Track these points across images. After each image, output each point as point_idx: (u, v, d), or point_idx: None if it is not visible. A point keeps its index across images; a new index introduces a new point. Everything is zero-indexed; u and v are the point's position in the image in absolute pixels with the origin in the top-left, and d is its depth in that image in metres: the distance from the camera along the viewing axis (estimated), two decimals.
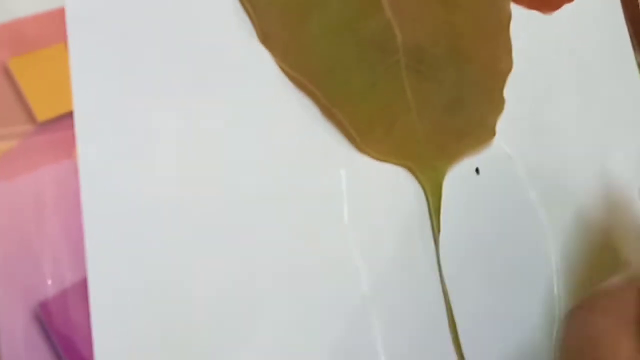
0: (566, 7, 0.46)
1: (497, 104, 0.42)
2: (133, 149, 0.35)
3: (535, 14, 0.45)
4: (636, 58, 0.47)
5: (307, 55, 0.39)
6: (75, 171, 0.34)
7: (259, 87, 0.38)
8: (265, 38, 0.39)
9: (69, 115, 0.35)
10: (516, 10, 0.44)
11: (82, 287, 0.33)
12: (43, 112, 0.34)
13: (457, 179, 0.40)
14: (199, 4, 0.38)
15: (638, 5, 0.48)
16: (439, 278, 0.38)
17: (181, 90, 0.37)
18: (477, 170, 0.41)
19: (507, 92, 0.43)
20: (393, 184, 0.39)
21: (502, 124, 0.42)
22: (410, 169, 0.40)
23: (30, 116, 0.34)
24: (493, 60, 0.43)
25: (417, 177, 0.40)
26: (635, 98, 0.47)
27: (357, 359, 0.36)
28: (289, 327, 0.35)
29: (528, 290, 0.40)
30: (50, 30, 0.35)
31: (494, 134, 0.42)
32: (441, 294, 0.38)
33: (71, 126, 0.35)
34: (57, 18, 0.36)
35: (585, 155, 0.44)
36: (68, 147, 0.34)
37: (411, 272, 0.38)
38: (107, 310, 0.33)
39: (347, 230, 0.37)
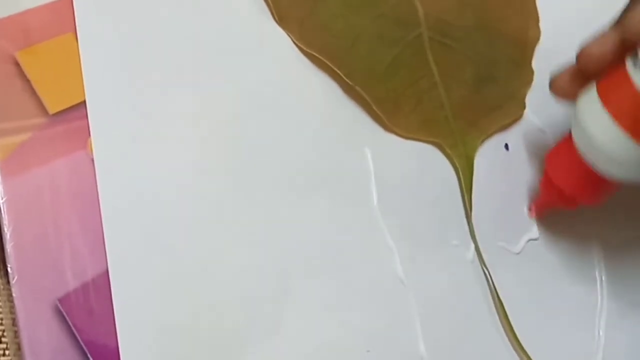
0: None
1: (526, 76, 0.40)
2: (149, 137, 0.34)
3: None
4: None
5: (325, 34, 0.38)
6: (90, 162, 0.33)
7: (277, 68, 0.37)
8: (282, 18, 0.38)
9: (81, 105, 0.34)
10: None
11: (102, 279, 0.32)
12: (54, 104, 0.34)
13: (488, 154, 0.39)
14: None
15: None
16: (474, 258, 0.36)
17: (196, 75, 0.36)
18: (506, 146, 0.39)
19: (535, 64, 0.41)
20: (422, 162, 0.38)
21: (533, 96, 0.40)
22: (439, 146, 0.38)
23: (41, 108, 0.33)
24: (521, 31, 0.41)
25: (446, 154, 0.38)
26: None
27: (395, 342, 0.34)
28: (322, 312, 0.34)
29: (567, 266, 0.38)
30: (57, 21, 0.35)
31: (524, 106, 0.40)
32: (479, 274, 0.36)
33: (84, 117, 0.34)
34: (64, 8, 0.35)
35: None
36: (82, 138, 0.33)
37: (446, 253, 0.36)
38: (129, 301, 0.32)
39: (377, 212, 0.36)
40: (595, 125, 0.31)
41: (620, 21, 0.31)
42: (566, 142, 0.34)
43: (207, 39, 0.36)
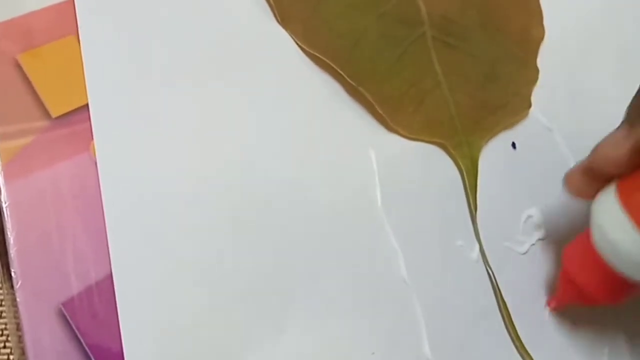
0: None
1: (531, 74, 0.40)
2: (152, 139, 0.34)
3: None
4: None
5: (328, 34, 0.37)
6: (93, 164, 0.33)
7: (280, 69, 0.37)
8: (284, 19, 0.38)
9: (84, 108, 0.34)
10: None
11: (106, 283, 0.32)
12: (57, 107, 0.34)
13: (493, 154, 0.38)
14: None
15: None
16: (479, 258, 0.36)
17: (199, 77, 0.36)
18: (513, 145, 0.39)
19: (540, 62, 0.40)
20: (426, 163, 0.37)
21: (538, 94, 0.40)
22: (443, 146, 0.38)
23: (44, 111, 0.33)
24: (525, 29, 0.41)
25: (450, 155, 0.38)
26: None
27: (400, 344, 0.34)
28: (326, 314, 0.34)
29: None
30: (59, 24, 0.35)
31: (529, 105, 0.39)
32: (484, 275, 0.36)
33: (86, 120, 0.34)
34: (66, 11, 0.35)
35: None
36: (85, 141, 0.33)
37: (450, 254, 0.36)
38: (133, 304, 0.32)
39: (382, 213, 0.36)
40: (617, 230, 0.30)
41: (632, 122, 0.30)
42: (584, 240, 0.32)
43: (209, 40, 0.36)
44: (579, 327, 0.36)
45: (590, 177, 0.32)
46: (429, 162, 0.37)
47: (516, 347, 0.35)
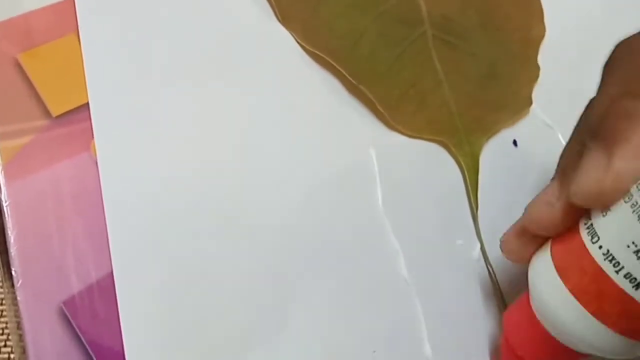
0: None
1: (531, 73, 0.40)
2: (152, 138, 0.34)
3: None
4: None
5: (329, 33, 0.37)
6: (93, 164, 0.33)
7: (280, 68, 0.37)
8: (285, 18, 0.38)
9: (84, 107, 0.34)
10: None
11: (107, 281, 0.32)
12: (57, 106, 0.34)
13: (494, 152, 0.38)
14: None
15: None
16: (480, 258, 0.36)
17: (199, 76, 0.36)
18: (514, 143, 0.39)
19: (541, 60, 0.40)
20: (426, 161, 0.37)
21: (539, 92, 0.40)
22: (444, 145, 0.38)
23: (44, 110, 0.33)
24: (525, 27, 0.41)
25: (452, 153, 0.38)
26: None
27: (401, 343, 0.34)
28: (326, 313, 0.34)
29: None
30: (60, 23, 0.35)
31: (530, 103, 0.39)
32: (485, 275, 0.36)
33: (86, 119, 0.34)
34: (66, 10, 0.35)
35: None
36: (85, 140, 0.33)
37: (451, 253, 0.36)
38: (134, 303, 0.32)
39: (382, 213, 0.36)
40: (554, 297, 0.28)
41: (562, 179, 0.29)
42: (524, 305, 0.30)
43: (210, 39, 0.36)
44: None
45: (526, 239, 0.30)
46: (430, 161, 0.37)
47: None
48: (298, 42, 0.37)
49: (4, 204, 0.32)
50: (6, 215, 0.32)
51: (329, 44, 0.37)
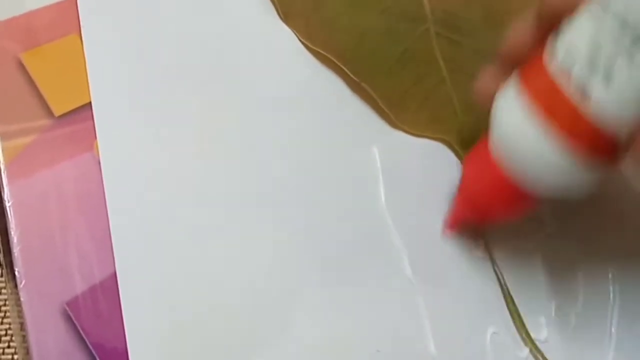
0: None
1: None
2: (155, 138, 0.34)
3: None
4: None
5: (331, 31, 0.37)
6: (96, 163, 0.33)
7: (283, 66, 0.37)
8: (287, 15, 0.38)
9: (87, 107, 0.34)
10: None
11: (110, 282, 0.32)
12: (60, 106, 0.33)
13: None
14: None
15: None
16: (484, 255, 0.36)
17: (202, 74, 0.36)
18: None
19: None
20: (430, 159, 0.37)
21: None
22: (447, 143, 0.38)
23: (47, 110, 0.33)
24: None
25: (455, 151, 0.37)
26: None
27: (405, 342, 0.34)
28: (330, 312, 0.34)
29: (580, 264, 0.37)
30: (61, 22, 0.35)
31: None
32: (490, 272, 0.36)
33: (89, 118, 0.33)
34: (68, 9, 0.35)
35: None
36: (88, 140, 0.33)
37: (455, 251, 0.36)
38: (137, 303, 0.32)
39: (385, 211, 0.36)
40: (514, 123, 0.28)
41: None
42: (482, 149, 0.30)
43: (212, 38, 0.36)
44: (587, 324, 0.36)
45: (497, 74, 0.30)
46: (433, 159, 0.37)
47: (526, 343, 0.35)
48: (300, 40, 0.37)
49: (7, 204, 0.32)
50: (9, 215, 0.32)
51: (331, 42, 0.37)
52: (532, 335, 0.35)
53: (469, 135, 0.38)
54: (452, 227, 0.35)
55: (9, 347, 0.34)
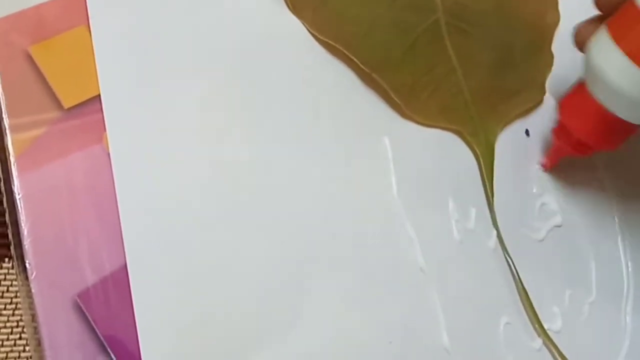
0: None
1: (546, 61, 0.40)
2: (164, 129, 0.34)
3: None
4: None
5: (340, 21, 0.37)
6: (106, 155, 0.33)
7: (292, 57, 0.37)
8: (296, 6, 0.37)
9: (96, 99, 0.34)
10: None
11: (121, 274, 0.31)
12: (69, 98, 0.33)
13: (506, 142, 0.38)
14: None
15: None
16: (496, 245, 0.36)
17: (211, 65, 0.35)
18: (527, 132, 0.38)
19: (555, 48, 0.40)
20: (441, 150, 0.37)
21: (553, 81, 0.39)
22: (458, 133, 0.37)
23: (56, 103, 0.33)
24: (539, 15, 0.40)
25: (466, 141, 0.37)
26: None
27: (418, 333, 0.34)
28: (342, 304, 0.33)
29: (592, 252, 0.37)
30: (70, 14, 0.34)
31: (544, 92, 0.39)
32: (502, 262, 0.36)
33: (98, 110, 0.33)
34: (76, 1, 0.35)
35: None
36: (97, 132, 0.33)
37: (468, 242, 0.36)
38: (148, 295, 0.32)
39: (397, 201, 0.35)
40: (607, 64, 0.30)
41: None
42: (580, 88, 0.33)
43: (221, 29, 0.36)
44: (600, 312, 0.36)
45: (597, 25, 0.32)
46: (445, 149, 0.37)
47: (538, 333, 0.35)
48: (309, 31, 0.37)
49: (17, 197, 0.32)
50: (19, 208, 0.32)
51: (341, 33, 0.37)
52: (546, 325, 0.35)
53: (479, 124, 0.37)
54: (551, 162, 0.37)
55: (20, 339, 0.34)
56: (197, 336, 0.32)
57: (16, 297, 0.35)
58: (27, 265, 0.31)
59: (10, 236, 0.32)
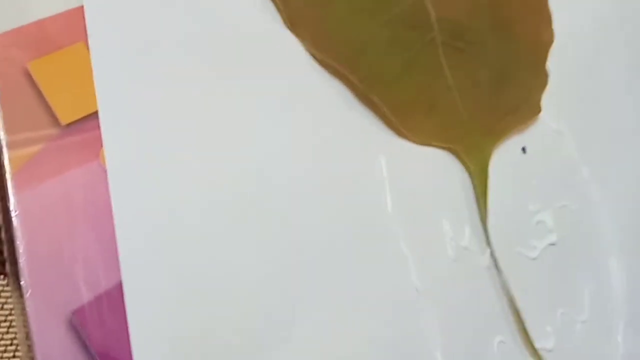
0: None
1: (541, 79, 0.40)
2: (161, 146, 0.34)
3: None
4: None
5: (337, 39, 0.37)
6: (103, 173, 0.33)
7: (289, 75, 0.37)
8: (293, 24, 0.37)
9: (93, 116, 0.34)
10: None
11: (116, 292, 0.31)
12: (67, 115, 0.33)
13: (503, 159, 0.38)
14: None
15: None
16: (490, 264, 0.36)
17: (208, 83, 0.36)
18: (523, 150, 0.39)
19: (550, 66, 0.40)
20: (436, 168, 0.37)
21: (548, 99, 0.40)
22: (454, 152, 0.38)
23: (54, 119, 0.33)
24: (534, 33, 0.40)
25: (461, 160, 0.37)
26: None
27: (412, 352, 0.34)
28: (335, 322, 0.34)
29: (585, 270, 0.37)
30: (68, 30, 0.34)
31: (539, 110, 0.39)
32: (495, 280, 0.36)
33: (96, 127, 0.33)
34: (75, 17, 0.35)
35: (638, 126, 0.41)
36: (94, 149, 0.33)
37: (462, 260, 0.36)
38: (144, 314, 0.32)
39: (392, 221, 0.36)
40: None
41: None
42: None
43: (219, 47, 0.36)
44: (593, 332, 0.36)
45: None
46: (440, 167, 0.37)
47: (530, 353, 0.35)
48: (307, 50, 0.37)
49: (13, 214, 0.32)
50: (15, 225, 0.32)
51: (338, 50, 0.37)
52: (539, 343, 0.35)
53: (474, 142, 0.38)
54: None
55: (14, 357, 0.34)
56: (191, 354, 0.32)
57: (10, 314, 0.35)
58: (22, 283, 0.31)
59: (5, 253, 0.32)
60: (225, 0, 0.37)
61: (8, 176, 0.32)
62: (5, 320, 0.35)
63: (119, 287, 0.32)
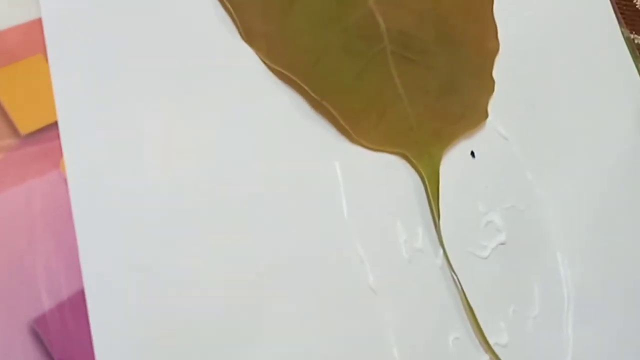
0: None
1: (487, 85, 0.42)
2: (121, 155, 0.34)
3: None
4: (622, 32, 0.47)
5: (292, 50, 0.38)
6: (63, 182, 0.33)
7: (245, 85, 0.38)
8: (248, 35, 0.38)
9: (53, 126, 0.34)
10: None
11: (78, 298, 0.32)
12: (26, 125, 0.34)
13: (453, 163, 0.40)
14: (177, 5, 0.37)
15: None
16: (443, 264, 0.37)
17: (166, 92, 0.36)
18: (472, 154, 0.40)
19: (496, 73, 0.42)
20: (389, 173, 0.38)
21: (495, 105, 0.41)
22: (405, 157, 0.39)
23: (13, 129, 0.33)
24: (480, 42, 0.42)
25: (412, 165, 0.39)
26: (625, 71, 0.46)
27: (370, 351, 0.35)
28: (295, 325, 0.34)
29: (534, 267, 0.39)
30: (27, 42, 0.35)
31: (486, 115, 0.41)
32: (449, 279, 0.37)
33: (56, 137, 0.34)
34: (33, 29, 0.35)
35: (579, 131, 0.43)
36: (54, 158, 0.33)
37: (416, 261, 0.37)
38: (106, 320, 0.32)
39: (348, 224, 0.37)
40: None
41: None
42: None
43: (176, 58, 0.37)
44: (543, 327, 0.38)
45: None
46: (392, 172, 0.39)
47: (484, 349, 0.36)
48: (262, 60, 0.38)
49: None
50: None
51: (292, 61, 0.38)
52: (493, 339, 0.36)
53: (424, 147, 0.39)
54: None
55: None
56: (154, 359, 0.32)
57: None
58: None
59: None
60: (182, 12, 0.38)
61: None
62: None
63: (80, 294, 0.32)
